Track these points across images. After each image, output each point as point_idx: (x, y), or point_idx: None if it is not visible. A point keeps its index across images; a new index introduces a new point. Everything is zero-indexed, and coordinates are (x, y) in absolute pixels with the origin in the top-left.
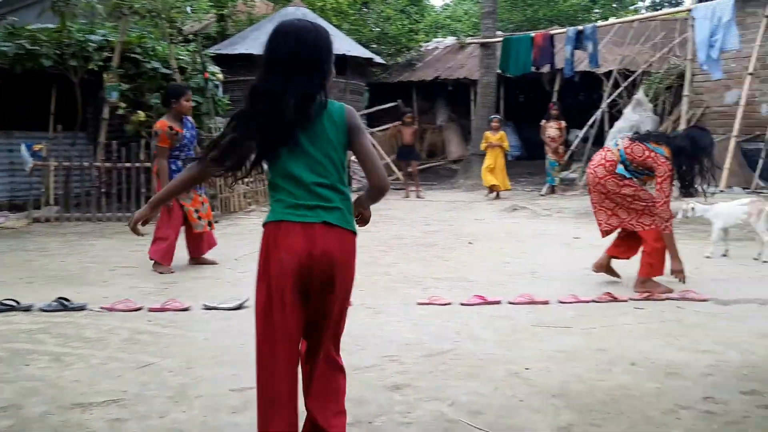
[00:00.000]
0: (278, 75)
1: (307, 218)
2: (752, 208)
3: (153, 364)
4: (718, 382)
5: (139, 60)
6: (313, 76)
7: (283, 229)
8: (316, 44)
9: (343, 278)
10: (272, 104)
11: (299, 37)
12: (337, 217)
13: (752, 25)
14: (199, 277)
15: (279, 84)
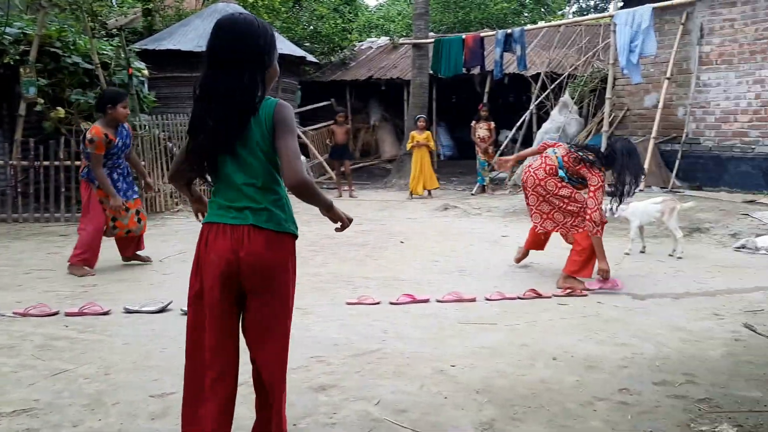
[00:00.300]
0: (215, 71)
1: (236, 220)
2: (664, 207)
3: (68, 371)
4: (633, 374)
5: (59, 54)
6: (250, 72)
7: (214, 230)
8: (251, 38)
9: (273, 280)
10: (209, 111)
11: (235, 31)
12: (264, 219)
13: (669, 32)
14: (120, 280)
15: (217, 82)
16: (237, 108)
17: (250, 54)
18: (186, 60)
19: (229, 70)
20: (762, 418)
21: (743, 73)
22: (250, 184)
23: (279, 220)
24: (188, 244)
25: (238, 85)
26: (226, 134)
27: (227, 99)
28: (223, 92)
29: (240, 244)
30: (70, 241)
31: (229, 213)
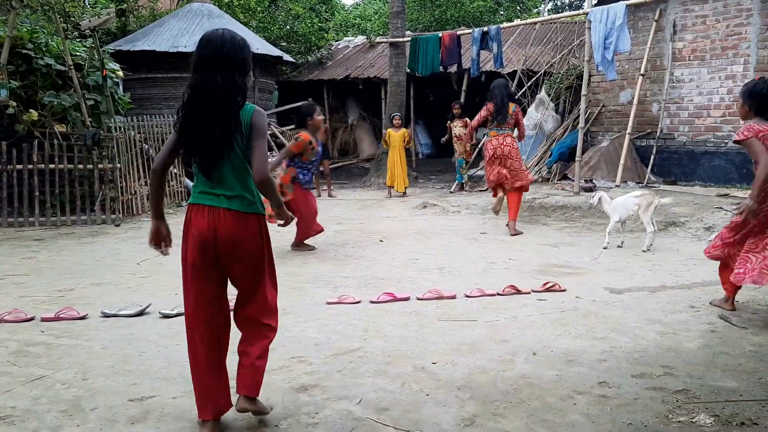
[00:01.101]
0: (204, 75)
1: (213, 202)
2: (641, 201)
3: (45, 377)
4: (612, 367)
5: (31, 56)
6: (232, 75)
7: (196, 209)
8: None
9: (245, 250)
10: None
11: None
12: (236, 204)
13: (643, 29)
14: (97, 284)
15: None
16: (223, 102)
17: (232, 61)
18: (161, 61)
19: (216, 74)
20: (738, 407)
21: (715, 69)
22: (228, 175)
23: (247, 203)
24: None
25: (223, 85)
26: (221, 126)
27: (215, 96)
28: (211, 91)
29: (217, 222)
30: (45, 245)
31: (208, 197)
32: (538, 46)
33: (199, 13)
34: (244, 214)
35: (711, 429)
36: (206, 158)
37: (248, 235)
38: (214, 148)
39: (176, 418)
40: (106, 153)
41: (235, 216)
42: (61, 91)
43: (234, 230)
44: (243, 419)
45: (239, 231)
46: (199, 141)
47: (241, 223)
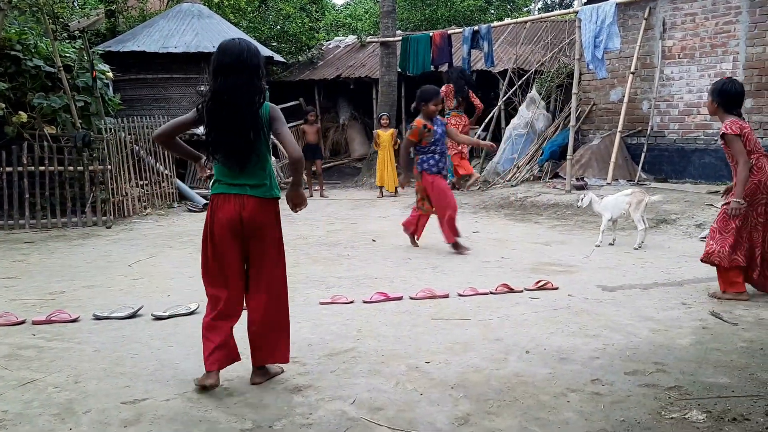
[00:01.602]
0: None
1: (238, 191)
2: (632, 199)
3: (37, 381)
4: (605, 365)
5: (20, 58)
6: (251, 78)
7: (222, 198)
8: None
9: (265, 230)
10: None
11: (238, 50)
12: (258, 191)
13: (633, 27)
14: (88, 286)
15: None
16: (245, 103)
17: (249, 66)
18: (151, 61)
19: (236, 78)
20: (730, 403)
21: (705, 67)
22: (251, 166)
23: (266, 189)
24: (158, 248)
25: (243, 88)
26: (242, 123)
27: (236, 98)
28: (233, 93)
29: (242, 207)
30: (35, 248)
31: (234, 188)
32: (528, 45)
33: (188, 13)
34: (265, 200)
35: (703, 425)
36: (233, 156)
37: (268, 217)
38: (240, 147)
39: (170, 420)
40: (96, 155)
41: (259, 201)
42: (51, 93)
43: (257, 213)
44: (237, 420)
45: (261, 214)
46: (226, 141)
47: (263, 207)
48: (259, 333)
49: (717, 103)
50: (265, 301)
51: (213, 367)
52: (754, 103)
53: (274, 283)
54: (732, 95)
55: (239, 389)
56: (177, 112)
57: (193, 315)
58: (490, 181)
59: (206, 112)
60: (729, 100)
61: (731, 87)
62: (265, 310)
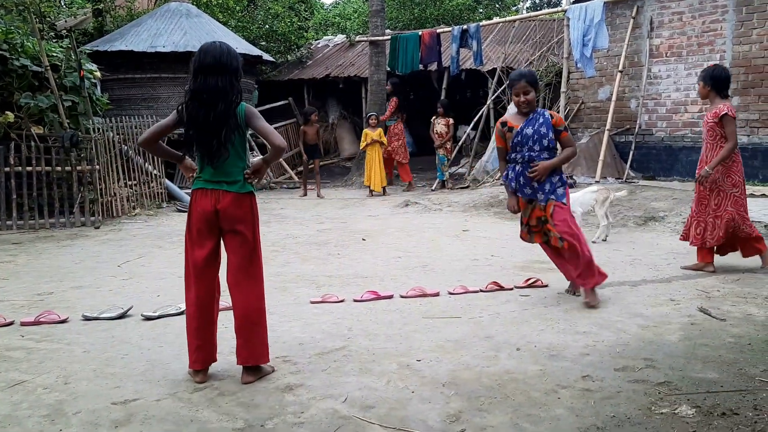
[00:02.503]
0: (205, 78)
1: (214, 186)
2: (598, 196)
3: (26, 382)
4: (595, 361)
5: (6, 57)
6: (229, 78)
7: (201, 193)
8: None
9: (240, 223)
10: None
11: (218, 52)
12: (235, 186)
13: (621, 26)
14: (78, 287)
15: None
16: (222, 102)
17: (228, 67)
18: (139, 61)
19: (215, 77)
20: (719, 398)
21: (692, 65)
22: (227, 164)
23: (241, 185)
24: (147, 249)
25: (222, 87)
26: (217, 121)
27: (215, 97)
28: (212, 92)
29: (218, 201)
30: (23, 249)
31: (211, 183)
32: (517, 44)
33: (177, 12)
34: (240, 195)
35: (693, 420)
36: (208, 153)
37: (243, 211)
38: (214, 144)
39: (160, 421)
40: (84, 155)
41: (234, 196)
42: (38, 93)
43: (232, 207)
44: (228, 420)
45: (236, 208)
46: (202, 139)
47: (238, 202)
48: (239, 328)
49: (710, 86)
50: (243, 296)
51: (197, 366)
52: (740, 101)
53: (249, 278)
54: (723, 79)
55: (230, 389)
56: (166, 111)
57: (182, 315)
58: (480, 180)
59: (185, 110)
60: (721, 84)
61: (722, 72)
62: (243, 305)
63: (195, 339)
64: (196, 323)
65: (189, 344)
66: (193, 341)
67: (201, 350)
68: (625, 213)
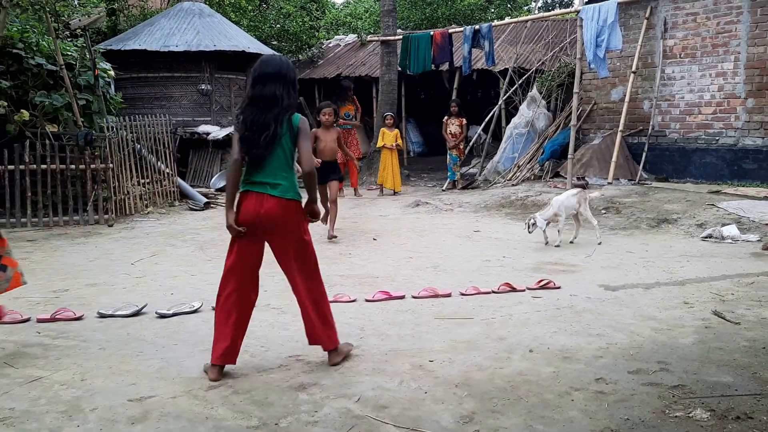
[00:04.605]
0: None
1: (259, 189)
2: (579, 197)
3: (43, 378)
4: (608, 364)
5: (22, 56)
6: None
7: (247, 195)
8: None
9: (285, 227)
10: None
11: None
12: (278, 190)
13: (634, 26)
14: (92, 284)
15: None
16: (277, 107)
17: (286, 78)
18: (152, 60)
19: (274, 87)
20: (733, 401)
21: (706, 66)
22: (274, 167)
23: (283, 190)
24: (160, 247)
25: (280, 95)
26: (269, 122)
27: (271, 101)
28: (269, 98)
29: (261, 205)
30: (38, 246)
31: (256, 186)
32: (529, 44)
33: (190, 12)
34: (284, 200)
35: (707, 423)
36: (258, 153)
37: (286, 215)
38: (264, 146)
39: (176, 418)
40: (98, 153)
41: (278, 201)
42: (53, 91)
43: (276, 211)
44: (243, 418)
45: (279, 212)
46: (253, 140)
47: (281, 206)
48: (307, 322)
49: None
50: (297, 291)
51: (219, 361)
52: (755, 103)
53: (305, 277)
54: None
55: (244, 387)
56: (178, 110)
57: (197, 313)
58: (491, 180)
59: (242, 114)
60: None
61: None
62: (303, 299)
63: (225, 334)
64: (232, 319)
65: (216, 339)
66: (221, 336)
67: (227, 346)
68: (638, 215)
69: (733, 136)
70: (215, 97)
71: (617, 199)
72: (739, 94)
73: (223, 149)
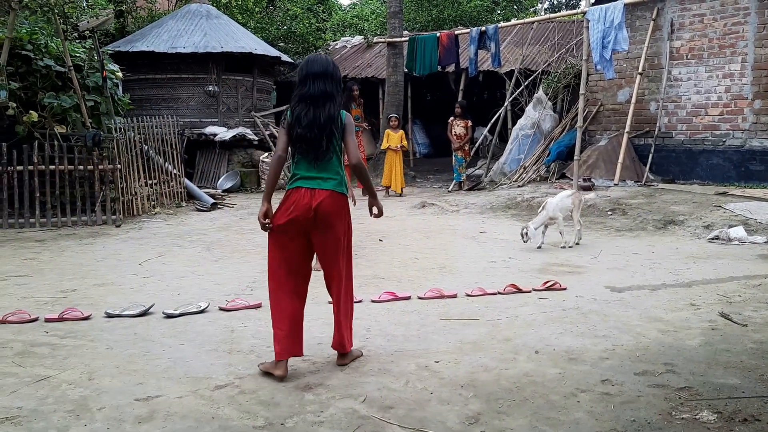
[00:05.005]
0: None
1: (313, 184)
2: (575, 199)
3: (51, 377)
4: (614, 365)
5: (31, 57)
6: (332, 85)
7: (298, 192)
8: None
9: (334, 219)
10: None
11: (323, 62)
12: (329, 185)
13: (641, 28)
14: (100, 284)
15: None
16: (329, 102)
17: (333, 75)
18: (160, 62)
19: (322, 82)
20: (740, 404)
21: (713, 68)
22: (327, 162)
23: (335, 185)
24: (167, 247)
25: (329, 92)
26: (326, 120)
27: (323, 98)
28: (318, 95)
29: (314, 198)
30: (46, 246)
31: (308, 182)
32: (535, 45)
33: (197, 13)
34: (336, 193)
35: (714, 426)
36: (317, 150)
37: (338, 209)
38: (321, 141)
39: (183, 417)
40: (106, 154)
41: (330, 194)
42: (61, 93)
43: (329, 205)
44: (249, 418)
45: (332, 205)
46: (308, 136)
47: (334, 200)
48: (335, 318)
49: None
50: (335, 288)
51: (282, 356)
52: (762, 104)
53: (341, 271)
54: None
55: (250, 387)
56: (185, 111)
57: (203, 313)
58: (497, 182)
59: (293, 111)
60: None
61: None
62: (337, 297)
63: (286, 328)
64: (290, 312)
65: (276, 334)
66: (283, 330)
67: (290, 339)
68: (645, 216)
69: (740, 137)
70: (222, 99)
71: (623, 200)
72: (746, 96)
73: (230, 150)
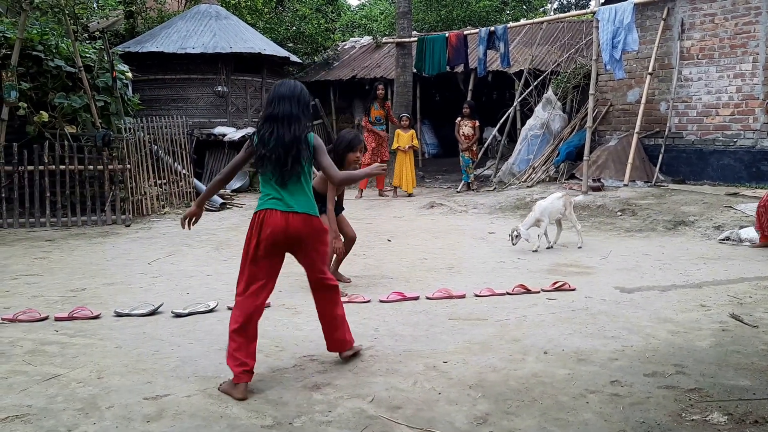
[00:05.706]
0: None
1: (284, 208)
2: (565, 201)
3: (60, 376)
4: (624, 366)
5: (41, 58)
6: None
7: (269, 214)
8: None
9: (312, 239)
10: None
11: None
12: (301, 208)
13: (651, 28)
14: (109, 283)
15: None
16: (295, 123)
17: (300, 98)
18: (169, 62)
19: (288, 104)
20: (751, 405)
21: (724, 68)
22: (295, 184)
23: (308, 207)
24: (176, 247)
25: (296, 114)
26: (291, 141)
27: (289, 119)
28: (284, 116)
29: (287, 222)
30: (56, 245)
31: (279, 203)
32: (545, 46)
33: (206, 14)
34: (307, 216)
35: (725, 427)
36: (283, 170)
37: (311, 231)
38: (287, 160)
39: (191, 416)
40: (116, 154)
41: (302, 217)
42: (71, 93)
43: (301, 228)
44: (257, 417)
45: (304, 228)
46: (274, 156)
47: (306, 222)
48: (338, 321)
49: None
50: (333, 293)
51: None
52: None
53: (332, 276)
54: None
55: (259, 386)
56: (194, 112)
57: (212, 313)
58: (506, 182)
59: (259, 132)
60: None
61: None
62: (335, 299)
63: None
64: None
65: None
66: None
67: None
68: (654, 217)
69: (751, 138)
70: (231, 99)
71: (633, 201)
72: (757, 96)
73: (239, 150)
